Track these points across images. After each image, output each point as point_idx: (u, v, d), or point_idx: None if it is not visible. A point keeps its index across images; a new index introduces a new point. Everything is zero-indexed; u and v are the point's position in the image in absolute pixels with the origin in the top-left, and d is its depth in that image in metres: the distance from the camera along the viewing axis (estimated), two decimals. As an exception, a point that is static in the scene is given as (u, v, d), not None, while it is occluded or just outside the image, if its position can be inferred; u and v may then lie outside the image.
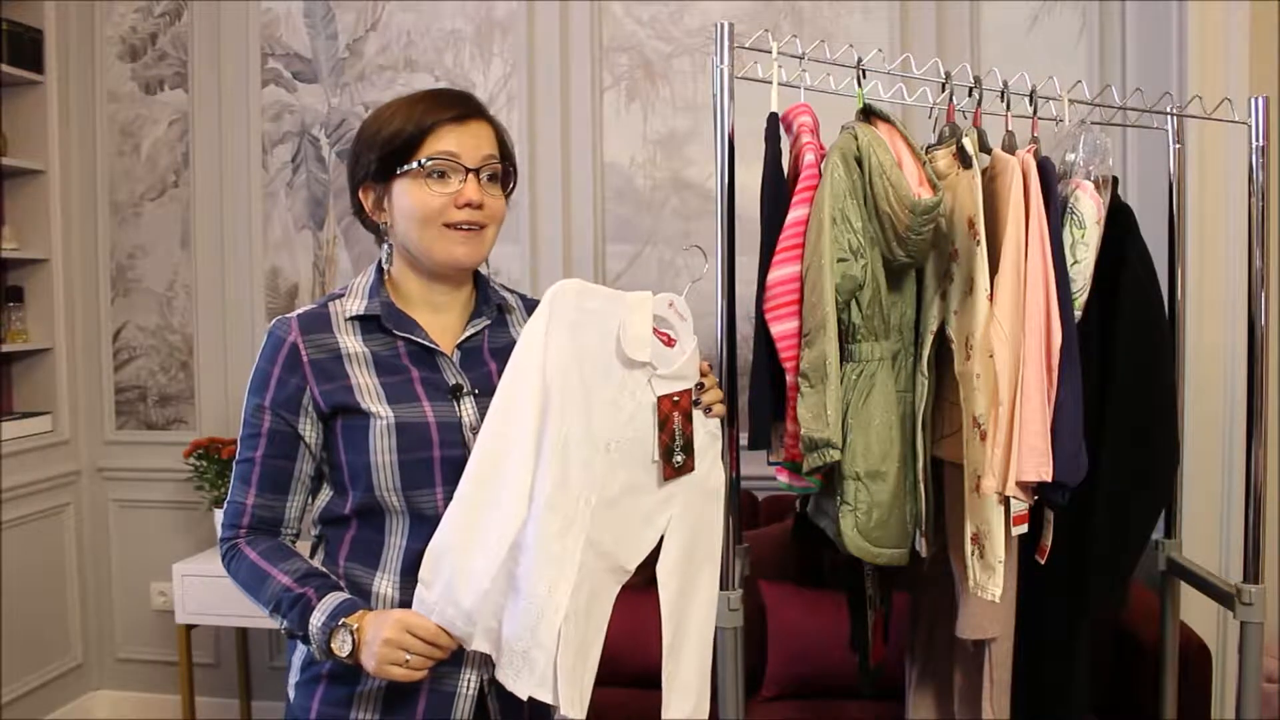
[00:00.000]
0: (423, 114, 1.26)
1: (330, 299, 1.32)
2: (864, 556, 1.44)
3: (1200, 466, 2.25)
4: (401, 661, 1.15)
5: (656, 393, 1.30)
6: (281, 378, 1.26)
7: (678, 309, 1.34)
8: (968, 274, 1.43)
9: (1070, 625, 1.64)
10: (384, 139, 1.26)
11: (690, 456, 1.32)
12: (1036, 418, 1.39)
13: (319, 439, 1.28)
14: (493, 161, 1.29)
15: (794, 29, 2.61)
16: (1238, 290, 2.22)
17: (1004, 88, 1.56)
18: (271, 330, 1.29)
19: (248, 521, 1.29)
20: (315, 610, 1.20)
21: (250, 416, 1.28)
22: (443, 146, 1.25)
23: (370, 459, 1.24)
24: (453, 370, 1.30)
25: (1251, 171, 1.69)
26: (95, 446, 3.10)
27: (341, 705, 1.26)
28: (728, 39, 1.46)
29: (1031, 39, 2.57)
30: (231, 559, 1.29)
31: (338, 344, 1.27)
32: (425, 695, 1.26)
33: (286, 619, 1.22)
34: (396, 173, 1.26)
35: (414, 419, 1.25)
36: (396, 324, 1.29)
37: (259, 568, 1.26)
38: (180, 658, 2.70)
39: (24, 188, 2.98)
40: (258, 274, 2.98)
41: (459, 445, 1.26)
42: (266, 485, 1.28)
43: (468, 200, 1.25)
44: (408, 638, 1.16)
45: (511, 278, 2.76)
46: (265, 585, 1.24)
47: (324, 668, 1.27)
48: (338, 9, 2.90)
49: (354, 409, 1.25)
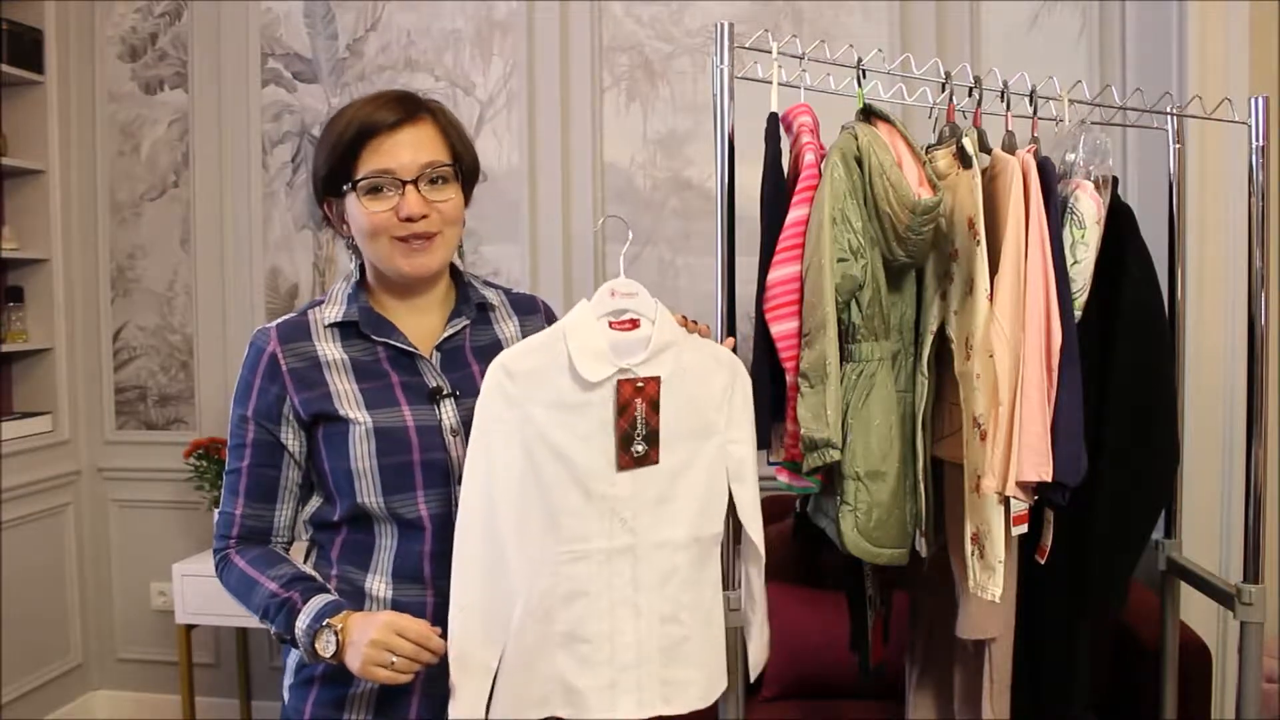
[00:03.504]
0: (359, 127, 1.23)
1: (310, 306, 1.33)
2: (864, 556, 1.44)
3: (1200, 466, 2.25)
4: (386, 663, 1.14)
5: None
6: (262, 387, 1.27)
7: (621, 290, 1.30)
8: (968, 274, 1.43)
9: (1070, 625, 1.64)
10: (325, 156, 1.26)
11: (654, 448, 1.28)
12: (1036, 418, 1.39)
13: (302, 448, 1.29)
14: (433, 167, 1.25)
15: (794, 29, 2.61)
16: (1238, 290, 2.22)
17: (1004, 88, 1.56)
18: (252, 341, 1.30)
19: (237, 531, 1.31)
20: (300, 613, 1.20)
21: (235, 427, 1.30)
22: (375, 164, 1.23)
23: (351, 465, 1.24)
24: (432, 373, 1.30)
25: (1251, 171, 1.69)
26: (95, 446, 3.10)
27: (334, 707, 1.27)
28: (728, 39, 1.46)
29: (1031, 39, 2.57)
30: (223, 569, 1.31)
31: (316, 352, 1.28)
32: (417, 699, 1.27)
33: (275, 624, 1.23)
34: (343, 189, 1.26)
35: (392, 424, 1.25)
36: (375, 329, 1.29)
37: (247, 576, 1.27)
38: (180, 658, 2.70)
39: (24, 188, 2.98)
40: (258, 274, 2.98)
41: (439, 449, 1.26)
42: (254, 495, 1.30)
43: (408, 214, 1.23)
44: (395, 639, 1.14)
45: (511, 278, 2.75)
46: (254, 593, 1.25)
47: (317, 670, 1.27)
48: (338, 9, 2.90)
49: (333, 416, 1.25)
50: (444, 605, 1.24)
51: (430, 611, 1.25)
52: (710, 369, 1.36)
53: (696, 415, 1.33)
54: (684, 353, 1.32)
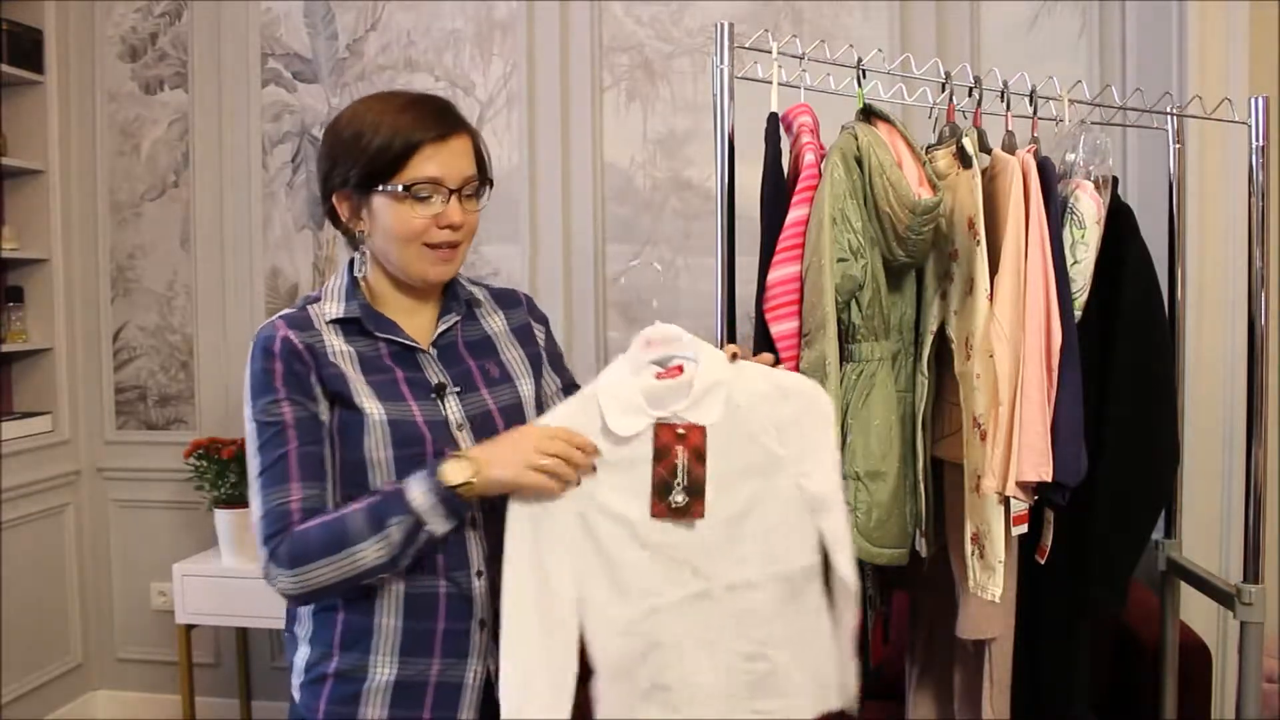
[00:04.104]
0: (408, 132, 1.24)
1: (307, 302, 1.32)
2: (864, 556, 1.44)
3: (1200, 466, 2.25)
4: (542, 465, 1.15)
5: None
6: (287, 368, 1.24)
7: (657, 339, 1.25)
8: (968, 274, 1.43)
9: (1070, 625, 1.64)
10: (368, 154, 1.24)
11: (698, 501, 1.23)
12: (1036, 418, 1.39)
13: (330, 427, 1.25)
14: (472, 180, 1.29)
15: (794, 29, 2.61)
16: (1238, 290, 2.22)
17: (1004, 88, 1.56)
18: (259, 335, 1.27)
19: (298, 519, 1.19)
20: (410, 489, 1.17)
21: (264, 416, 1.23)
22: (428, 172, 1.24)
23: (365, 456, 1.24)
24: (434, 369, 1.30)
25: (1251, 171, 1.69)
26: (95, 446, 3.10)
27: (349, 703, 1.26)
28: (728, 39, 1.46)
29: (1031, 39, 2.57)
30: (290, 545, 1.18)
31: (325, 342, 1.27)
32: (433, 688, 1.26)
33: (390, 526, 1.16)
34: (378, 189, 1.25)
35: (404, 417, 1.25)
36: (377, 325, 1.29)
37: (329, 522, 1.18)
38: (180, 658, 2.69)
39: (24, 188, 2.98)
40: (258, 274, 2.98)
41: (449, 442, 1.26)
42: (309, 474, 1.21)
43: (450, 223, 1.26)
44: (545, 442, 1.16)
45: (512, 278, 2.75)
46: (348, 525, 1.17)
47: (329, 667, 1.26)
48: (338, 9, 2.90)
49: (350, 403, 1.24)
50: (458, 594, 1.25)
51: (443, 601, 1.26)
52: (774, 401, 1.27)
53: (759, 452, 1.26)
54: (737, 391, 1.26)
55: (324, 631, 1.27)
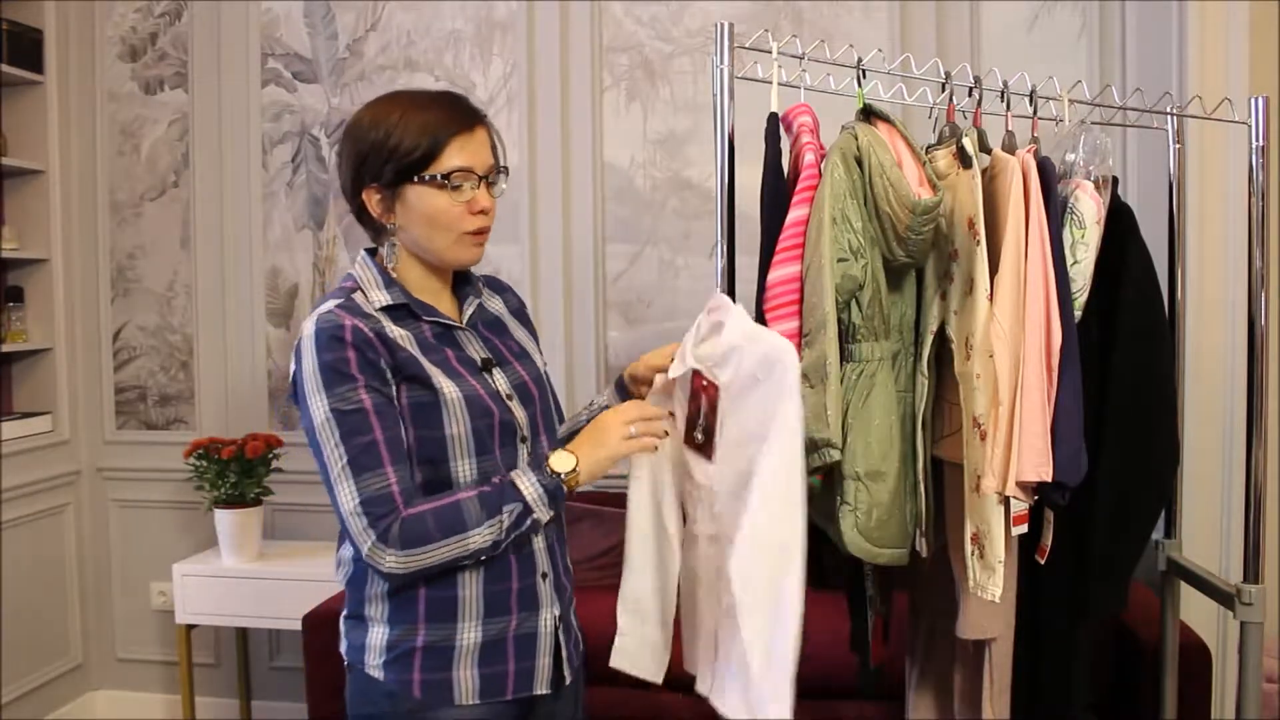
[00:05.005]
0: (439, 125, 1.31)
1: (349, 294, 1.33)
2: (864, 556, 1.44)
3: (1200, 466, 2.25)
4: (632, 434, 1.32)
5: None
6: (360, 355, 1.25)
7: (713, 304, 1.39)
8: (968, 274, 1.43)
9: (1070, 625, 1.63)
10: (401, 151, 1.30)
11: (710, 442, 1.37)
12: (1036, 418, 1.39)
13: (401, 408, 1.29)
14: (494, 168, 1.36)
15: (794, 29, 2.61)
16: (1238, 290, 2.22)
17: (1004, 88, 1.56)
18: (320, 325, 1.26)
19: (402, 501, 1.24)
20: (520, 479, 1.29)
21: (343, 405, 1.24)
22: (459, 162, 1.31)
23: (446, 432, 1.29)
24: (475, 345, 1.39)
25: (1251, 171, 1.69)
26: (95, 446, 3.11)
27: (443, 669, 1.32)
28: (728, 39, 1.46)
29: (1031, 39, 2.57)
30: (402, 528, 1.23)
31: (382, 326, 1.30)
32: (513, 641, 1.35)
33: (502, 513, 1.26)
34: (413, 180, 1.31)
35: (472, 392, 1.32)
36: (422, 309, 1.35)
37: (443, 508, 1.25)
38: (180, 658, 2.70)
39: (24, 188, 2.98)
40: (258, 274, 2.98)
41: (507, 412, 1.35)
42: (397, 458, 1.25)
43: (482, 208, 1.34)
44: (631, 414, 1.34)
45: (512, 278, 2.73)
46: (464, 511, 1.25)
47: (417, 640, 1.32)
48: (338, 9, 2.90)
49: (426, 383, 1.29)
50: (522, 554, 1.35)
51: (514, 563, 1.35)
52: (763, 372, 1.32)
53: (757, 422, 1.31)
54: (745, 359, 1.32)
55: (405, 610, 1.32)
